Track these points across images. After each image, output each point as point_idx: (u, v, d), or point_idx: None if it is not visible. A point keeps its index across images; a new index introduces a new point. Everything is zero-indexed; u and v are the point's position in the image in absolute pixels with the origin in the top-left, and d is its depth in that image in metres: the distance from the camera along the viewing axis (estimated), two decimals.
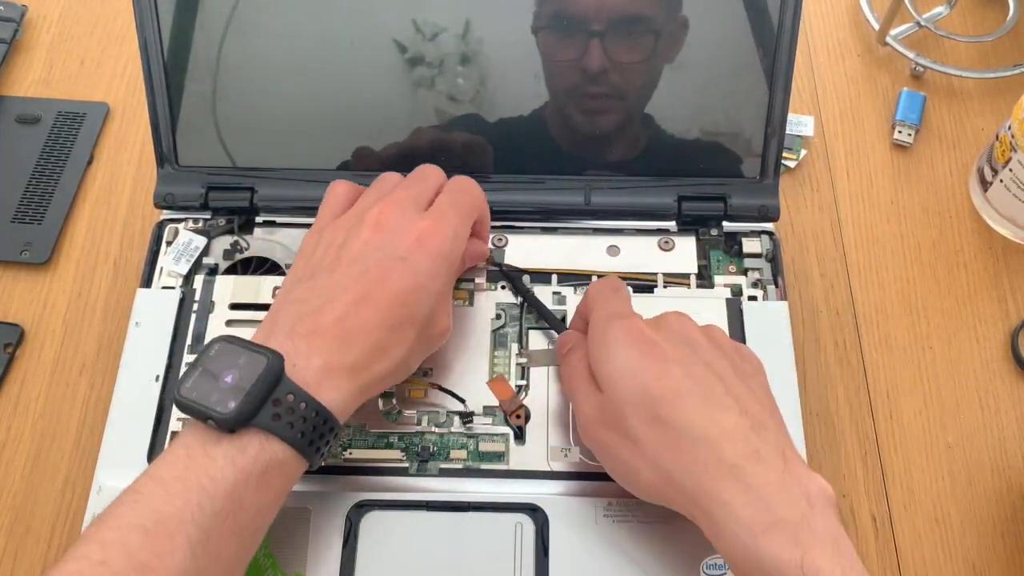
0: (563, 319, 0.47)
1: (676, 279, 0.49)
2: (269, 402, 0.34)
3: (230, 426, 0.34)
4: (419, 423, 0.45)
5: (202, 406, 0.34)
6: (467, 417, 0.44)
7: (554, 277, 0.49)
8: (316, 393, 0.35)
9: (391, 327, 0.38)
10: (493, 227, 0.50)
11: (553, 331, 0.46)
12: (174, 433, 0.44)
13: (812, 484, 0.34)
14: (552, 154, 0.50)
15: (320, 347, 0.36)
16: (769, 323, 0.47)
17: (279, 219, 0.51)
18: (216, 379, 0.35)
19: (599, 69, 0.48)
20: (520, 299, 0.48)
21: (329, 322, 0.37)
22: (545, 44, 0.48)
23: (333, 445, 0.37)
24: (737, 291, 0.48)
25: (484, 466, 0.44)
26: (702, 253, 0.50)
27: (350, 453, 0.44)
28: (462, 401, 0.44)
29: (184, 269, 0.49)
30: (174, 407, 0.45)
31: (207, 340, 0.46)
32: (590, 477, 0.43)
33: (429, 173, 0.44)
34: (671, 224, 0.50)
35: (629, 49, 0.48)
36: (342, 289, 0.38)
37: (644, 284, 0.49)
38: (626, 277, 0.49)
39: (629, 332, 0.38)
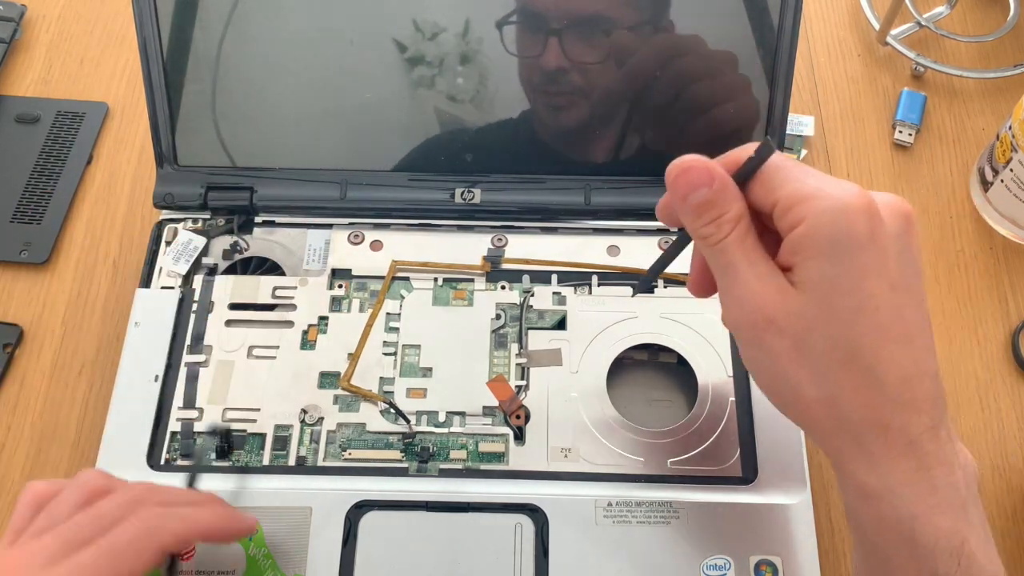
0: (563, 320, 0.47)
1: (676, 279, 0.49)
2: None
3: None
4: (418, 423, 0.45)
5: None
6: (410, 437, 0.44)
7: (554, 277, 0.49)
8: None
9: None
10: (493, 227, 0.50)
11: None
12: (174, 433, 0.44)
13: (964, 459, 0.31)
14: (552, 154, 0.50)
15: None
16: None
17: (279, 219, 0.51)
18: None
19: (554, 67, 0.47)
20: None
21: None
22: (509, 39, 0.47)
23: None
24: None
25: (484, 466, 0.44)
26: None
27: (349, 453, 0.44)
28: (407, 421, 0.44)
29: (183, 269, 0.49)
30: (175, 408, 0.45)
31: (207, 340, 0.46)
32: (590, 477, 0.43)
33: (83, 493, 0.36)
34: None
35: (588, 49, 0.47)
36: None
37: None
38: (626, 277, 0.49)
39: (870, 222, 0.30)
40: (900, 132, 0.58)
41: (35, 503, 0.36)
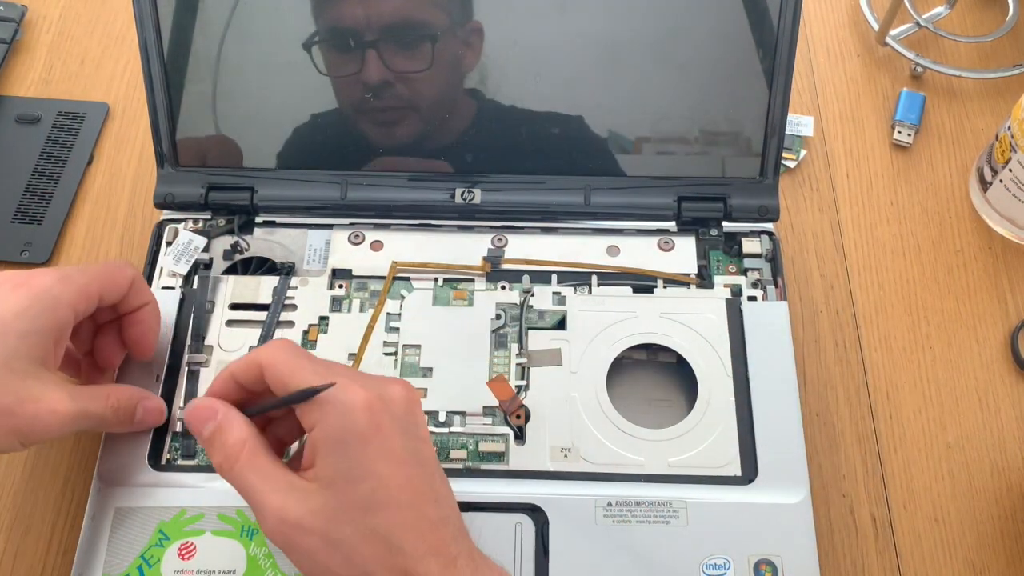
0: (563, 320, 0.47)
1: (676, 279, 0.49)
2: None
3: None
4: None
5: None
6: None
7: (554, 277, 0.49)
8: None
9: None
10: (493, 227, 0.50)
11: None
12: (175, 434, 0.44)
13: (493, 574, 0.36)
14: (552, 154, 0.50)
15: None
16: (769, 323, 0.47)
17: (279, 219, 0.51)
18: None
19: (378, 81, 0.47)
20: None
21: None
22: (322, 60, 0.47)
23: None
24: (737, 291, 0.48)
25: (484, 466, 0.44)
26: (702, 253, 0.50)
27: None
28: None
29: (184, 269, 0.49)
30: (176, 409, 0.45)
31: (208, 340, 0.46)
32: (590, 477, 0.43)
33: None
34: (671, 224, 0.50)
35: (408, 58, 0.47)
36: None
37: (644, 284, 0.49)
38: (626, 277, 0.49)
39: (369, 415, 0.34)
40: (899, 132, 0.58)
41: None
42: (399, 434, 0.35)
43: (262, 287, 0.48)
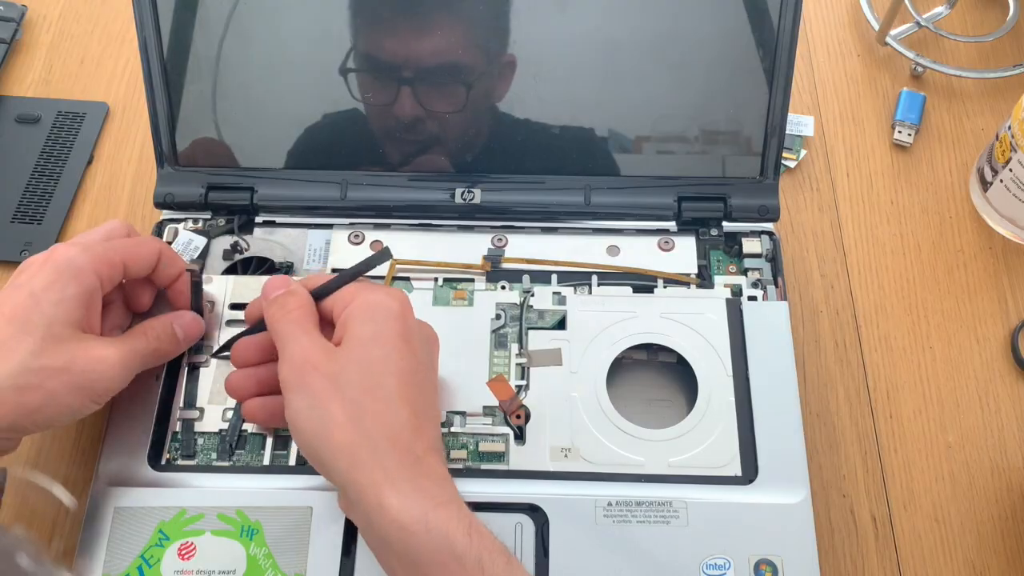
0: (563, 320, 0.47)
1: (676, 279, 0.49)
2: None
3: None
4: None
5: None
6: None
7: (554, 277, 0.49)
8: None
9: None
10: (493, 227, 0.50)
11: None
12: (175, 434, 0.44)
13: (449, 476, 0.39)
14: (552, 154, 0.50)
15: None
16: (769, 323, 0.47)
17: (279, 219, 0.51)
18: None
19: (410, 117, 0.48)
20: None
21: None
22: (356, 86, 0.48)
23: None
24: (737, 291, 0.48)
25: (484, 466, 0.44)
26: (702, 253, 0.50)
27: None
28: None
29: None
30: (176, 408, 0.45)
31: (208, 339, 0.46)
32: (590, 477, 0.43)
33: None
34: (671, 224, 0.50)
35: (442, 98, 0.48)
36: None
37: (644, 284, 0.49)
38: (626, 277, 0.49)
39: (401, 306, 0.39)
40: (899, 132, 0.58)
41: None
42: (419, 337, 0.40)
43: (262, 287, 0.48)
